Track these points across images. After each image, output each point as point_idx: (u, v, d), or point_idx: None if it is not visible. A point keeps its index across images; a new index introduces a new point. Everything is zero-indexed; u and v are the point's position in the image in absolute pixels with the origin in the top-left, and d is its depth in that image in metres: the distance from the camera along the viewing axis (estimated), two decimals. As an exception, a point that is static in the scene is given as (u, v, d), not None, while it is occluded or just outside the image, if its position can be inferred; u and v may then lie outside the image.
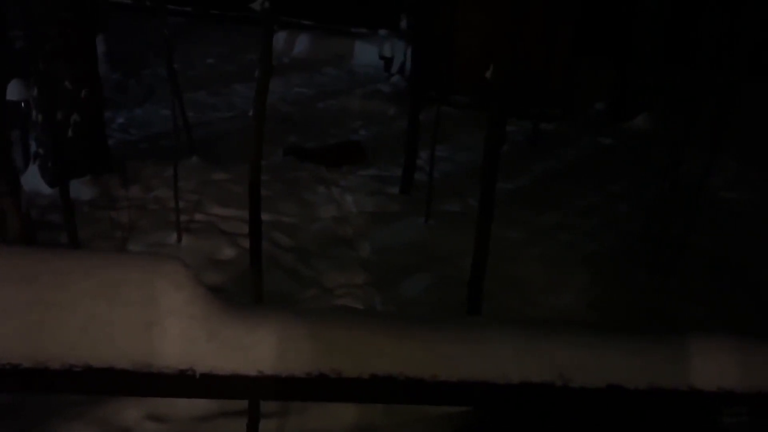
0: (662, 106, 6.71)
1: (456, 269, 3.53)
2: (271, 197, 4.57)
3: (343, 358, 0.90)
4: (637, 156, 5.93)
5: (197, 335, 0.90)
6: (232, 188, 4.65)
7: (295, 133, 6.15)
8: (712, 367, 0.91)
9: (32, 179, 4.37)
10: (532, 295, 3.52)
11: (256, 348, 0.91)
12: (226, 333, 0.92)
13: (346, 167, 5.25)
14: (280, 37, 10.47)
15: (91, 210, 4.18)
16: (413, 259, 3.82)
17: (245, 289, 3.45)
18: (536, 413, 0.98)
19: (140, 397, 2.15)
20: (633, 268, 3.82)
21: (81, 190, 4.33)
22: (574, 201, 4.81)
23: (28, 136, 4.48)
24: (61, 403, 2.47)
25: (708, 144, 3.66)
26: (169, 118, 5.05)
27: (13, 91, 4.33)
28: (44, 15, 4.02)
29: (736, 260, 3.96)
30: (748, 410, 2.22)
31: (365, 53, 9.72)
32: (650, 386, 0.90)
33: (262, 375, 0.89)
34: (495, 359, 0.90)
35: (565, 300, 3.49)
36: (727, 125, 5.99)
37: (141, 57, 8.56)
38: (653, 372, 0.91)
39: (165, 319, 0.90)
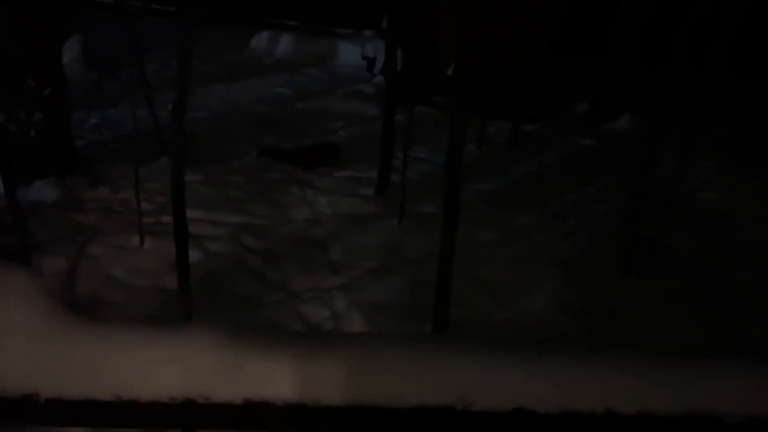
0: (645, 107, 6.66)
1: (428, 272, 3.40)
2: (242, 199, 4.48)
3: (212, 381, 0.81)
4: (617, 157, 5.86)
5: (43, 355, 0.80)
6: (202, 190, 4.54)
7: (273, 134, 6.05)
8: (635, 387, 0.82)
9: (-7, 180, 4.24)
10: (503, 298, 3.43)
11: (115, 370, 0.81)
12: (81, 353, 0.82)
13: (322, 169, 5.16)
14: (263, 38, 10.36)
15: (54, 212, 4.05)
16: (385, 262, 3.73)
17: (207, 293, 3.36)
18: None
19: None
20: (607, 269, 3.75)
21: (44, 191, 4.21)
22: (550, 202, 4.74)
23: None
24: None
25: (686, 144, 3.60)
26: (142, 119, 4.95)
27: (-25, 89, 4.21)
28: None
29: (712, 261, 3.90)
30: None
31: (349, 54, 9.62)
32: (563, 409, 0.81)
33: (119, 400, 0.80)
34: (389, 380, 0.81)
35: (538, 302, 3.41)
36: (706, 125, 5.94)
37: (118, 57, 8.42)
38: (566, 393, 0.81)
39: (5, 337, 0.80)
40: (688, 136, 3.57)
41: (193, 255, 3.68)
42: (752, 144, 6.02)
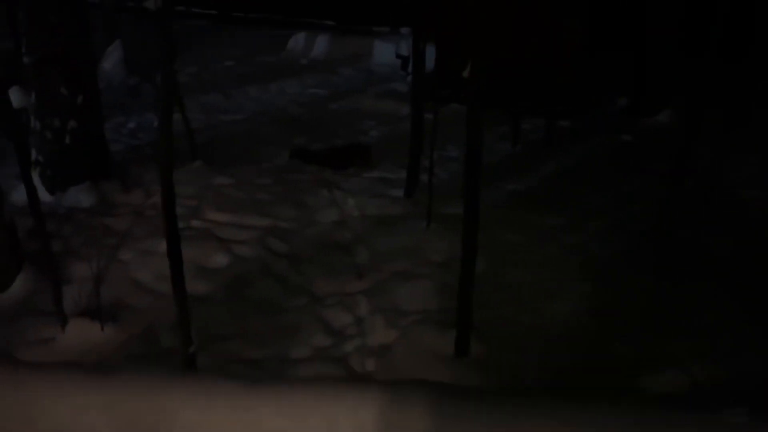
0: (686, 102, 6.42)
1: (454, 275, 3.35)
2: (270, 201, 4.50)
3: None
4: (655, 154, 5.66)
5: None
6: (233, 193, 4.58)
7: (304, 135, 6.07)
8: None
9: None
10: (530, 302, 3.34)
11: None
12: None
13: (352, 170, 5.14)
14: (299, 39, 10.44)
15: (87, 217, 4.16)
16: (410, 266, 3.68)
17: (231, 297, 3.39)
18: None
19: None
20: (640, 272, 3.61)
21: (79, 197, 4.33)
22: (583, 202, 4.60)
23: (28, 144, 4.49)
24: None
25: (728, 140, 3.43)
26: (177, 122, 5.04)
27: (14, 98, 4.35)
28: (31, 19, 4.00)
29: (752, 264, 3.70)
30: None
31: (384, 52, 9.60)
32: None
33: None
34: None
35: (566, 307, 3.30)
36: (748, 120, 5.69)
37: (158, 61, 8.61)
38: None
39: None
40: (727, 130, 3.40)
41: (221, 259, 3.75)
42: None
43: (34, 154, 4.41)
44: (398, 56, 8.78)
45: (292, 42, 10.24)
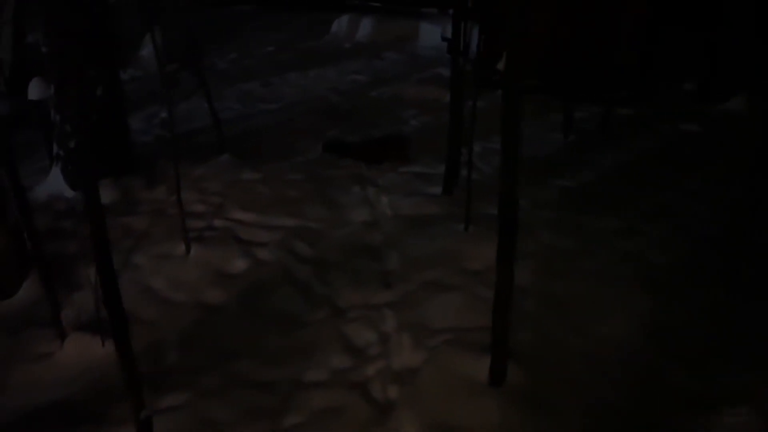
0: (764, 87, 5.76)
1: (492, 288, 3.01)
2: (299, 199, 4.22)
3: None
4: (726, 146, 5.09)
5: None
6: (260, 189, 4.32)
7: (341, 126, 5.75)
8: None
9: (54, 182, 4.23)
10: (579, 320, 2.94)
11: None
12: None
13: (388, 164, 4.79)
14: (343, 22, 10.09)
15: (106, 215, 3.95)
16: (444, 274, 3.32)
17: (246, 309, 3.12)
18: None
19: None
20: (707, 285, 3.15)
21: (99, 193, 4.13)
22: (643, 202, 4.12)
23: (50, 138, 4.33)
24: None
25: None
26: (204, 113, 4.82)
27: (34, 90, 4.19)
28: (49, 8, 3.80)
29: None
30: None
31: (430, 35, 9.13)
32: None
33: None
34: None
35: (620, 327, 2.89)
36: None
37: (198, 48, 8.43)
38: None
39: None
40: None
41: (240, 264, 3.48)
42: None
43: (55, 149, 4.26)
44: (444, 39, 8.30)
45: (336, 25, 9.90)
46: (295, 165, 4.80)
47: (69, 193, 4.18)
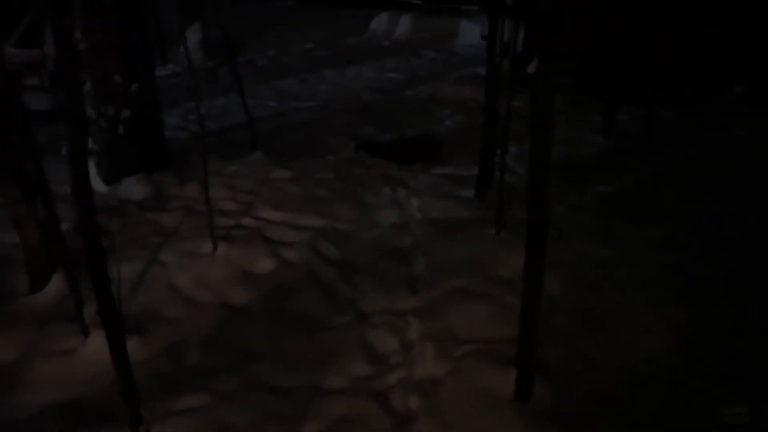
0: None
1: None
2: (328, 198, 4.16)
3: None
4: (779, 152, 4.85)
5: None
6: (290, 189, 4.28)
7: (374, 124, 5.68)
8: None
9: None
10: (613, 335, 2.80)
11: None
12: None
13: (420, 165, 4.70)
14: (382, 19, 10.05)
15: (138, 211, 3.98)
16: (473, 281, 3.22)
17: (270, 311, 3.08)
18: None
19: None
20: (755, 302, 2.96)
21: (132, 189, 4.17)
22: (687, 210, 3.93)
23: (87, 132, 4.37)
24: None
25: None
26: (249, 109, 4.80)
27: (72, 86, 4.23)
28: (86, 4, 3.83)
29: None
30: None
31: (469, 33, 9.03)
32: None
33: None
34: None
35: (659, 345, 2.73)
36: None
37: (238, 44, 8.48)
38: None
39: None
40: None
41: (266, 264, 3.44)
42: None
43: (90, 143, 4.30)
44: (483, 37, 8.16)
45: (375, 22, 9.86)
46: (327, 164, 4.75)
47: (102, 188, 4.21)
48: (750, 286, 3.13)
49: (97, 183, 4.24)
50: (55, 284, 3.13)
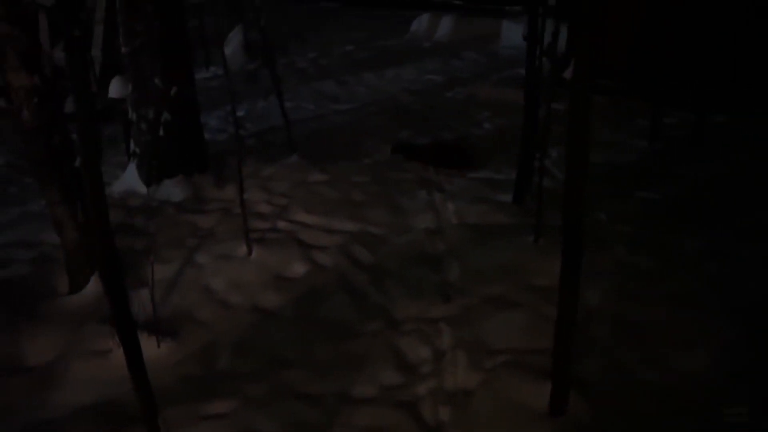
0: None
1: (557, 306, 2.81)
2: (364, 202, 4.14)
3: None
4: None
5: None
6: (325, 192, 4.28)
7: (412, 127, 5.63)
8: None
9: (130, 178, 4.36)
10: (654, 350, 2.68)
11: None
12: None
13: (455, 169, 4.63)
14: (423, 20, 9.98)
15: (176, 213, 4.04)
16: (508, 289, 3.13)
17: (302, 315, 3.07)
18: None
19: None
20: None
21: (171, 191, 4.23)
22: (736, 220, 3.75)
23: (129, 134, 4.46)
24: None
25: None
26: (287, 112, 4.83)
27: (115, 88, 4.33)
28: (127, 8, 3.89)
29: None
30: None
31: (512, 34, 8.87)
32: None
33: None
34: None
35: (700, 361, 2.60)
36: None
37: (279, 46, 8.54)
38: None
39: None
40: None
41: (299, 268, 3.44)
42: None
43: (132, 145, 4.38)
44: (525, 38, 8.01)
45: (415, 24, 9.80)
46: (363, 167, 4.72)
47: (143, 189, 4.29)
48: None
49: (138, 184, 4.32)
50: (94, 285, 3.19)
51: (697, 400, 2.42)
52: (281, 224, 3.89)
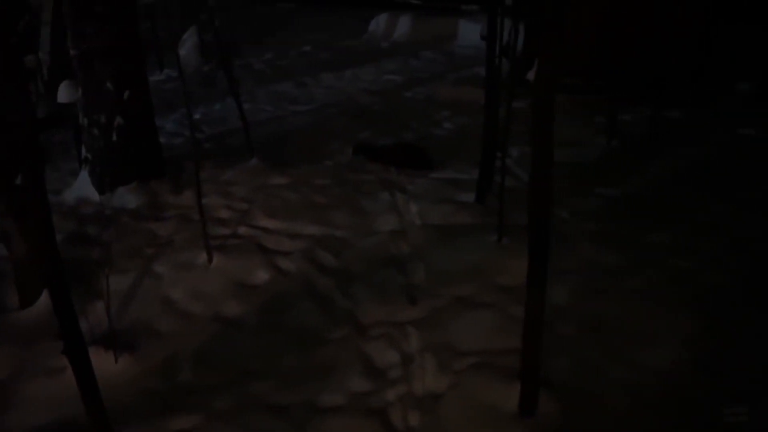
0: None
1: (524, 305, 2.81)
2: (326, 205, 4.08)
3: None
4: (788, 151, 4.74)
5: None
6: (287, 195, 4.20)
7: (372, 127, 5.59)
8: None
9: (82, 185, 4.20)
10: (621, 346, 2.70)
11: None
12: None
13: (418, 170, 4.61)
14: (380, 21, 9.93)
15: (132, 221, 3.90)
16: (474, 290, 3.12)
17: (266, 322, 2.99)
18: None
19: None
20: (768, 312, 2.87)
21: (126, 198, 4.09)
22: (695, 214, 3.82)
23: (80, 140, 4.30)
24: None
25: None
26: (244, 114, 4.71)
27: (63, 93, 4.16)
28: (76, 9, 3.75)
29: None
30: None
31: (469, 34, 8.90)
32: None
33: None
34: None
35: (666, 356, 2.64)
36: None
37: (235, 48, 8.38)
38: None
39: None
40: None
41: (262, 275, 3.35)
42: None
43: (84, 151, 4.22)
44: (483, 38, 8.06)
45: (373, 24, 9.75)
46: (324, 169, 4.66)
47: (96, 196, 4.14)
48: (762, 293, 3.02)
49: (90, 192, 4.17)
50: (46, 299, 3.04)
51: (663, 395, 2.45)
52: (242, 230, 3.80)
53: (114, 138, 4.02)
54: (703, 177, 4.37)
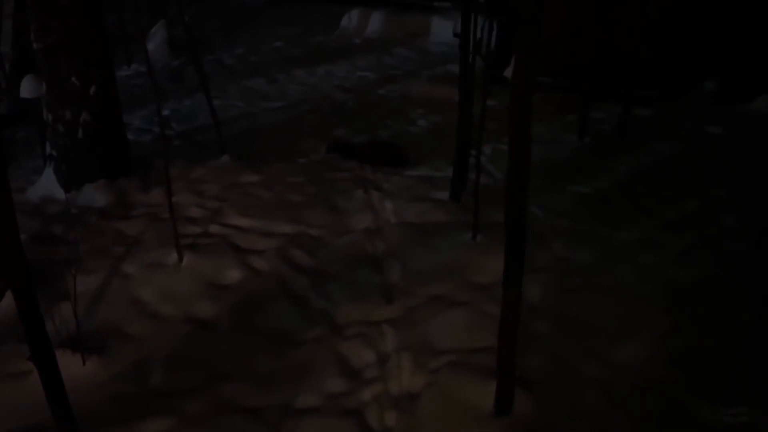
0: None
1: (500, 303, 2.80)
2: (300, 203, 4.03)
3: None
4: (753, 149, 4.83)
5: None
6: (260, 193, 4.14)
7: (346, 125, 5.54)
8: None
9: (47, 183, 4.09)
10: (594, 343, 2.73)
11: None
12: None
13: (392, 168, 4.59)
14: (353, 16, 9.86)
15: (99, 220, 3.81)
16: (449, 288, 3.12)
17: (240, 323, 2.94)
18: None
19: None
20: (739, 305, 2.92)
21: (93, 196, 3.99)
22: (664, 210, 3.89)
23: (44, 137, 4.17)
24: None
25: None
26: (215, 110, 4.62)
27: (26, 87, 4.03)
28: (42, 3, 3.63)
29: None
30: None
31: (442, 30, 8.89)
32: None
33: None
34: None
35: (640, 352, 2.67)
36: None
37: (205, 43, 8.25)
38: None
39: None
40: None
41: (234, 274, 3.29)
42: None
43: (48, 148, 4.10)
44: (456, 35, 8.07)
45: (345, 20, 9.67)
46: (298, 167, 4.61)
47: (61, 195, 4.02)
48: (732, 289, 3.08)
49: (56, 190, 4.05)
50: (10, 301, 2.95)
51: (637, 391, 2.48)
52: (214, 228, 3.73)
53: (80, 134, 3.91)
54: (673, 174, 4.44)
